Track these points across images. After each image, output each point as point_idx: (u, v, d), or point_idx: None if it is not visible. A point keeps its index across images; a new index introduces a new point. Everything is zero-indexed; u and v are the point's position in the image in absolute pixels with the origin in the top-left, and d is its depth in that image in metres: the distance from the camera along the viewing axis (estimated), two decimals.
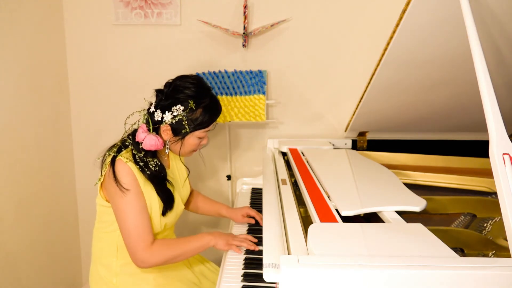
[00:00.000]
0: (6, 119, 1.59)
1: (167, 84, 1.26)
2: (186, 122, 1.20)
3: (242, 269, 1.10)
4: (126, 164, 1.15)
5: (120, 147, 1.22)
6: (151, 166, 1.20)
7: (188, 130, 1.21)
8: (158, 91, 1.25)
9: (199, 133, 1.25)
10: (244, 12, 1.82)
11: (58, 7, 1.91)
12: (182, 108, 1.19)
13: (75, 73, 1.99)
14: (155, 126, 1.22)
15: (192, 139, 1.25)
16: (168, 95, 1.22)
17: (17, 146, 1.65)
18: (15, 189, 1.64)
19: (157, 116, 1.21)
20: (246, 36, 1.85)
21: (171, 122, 1.20)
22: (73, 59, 1.98)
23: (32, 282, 1.74)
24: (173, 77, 1.28)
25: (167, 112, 1.20)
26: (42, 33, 1.80)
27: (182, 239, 1.19)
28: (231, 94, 1.87)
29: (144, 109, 1.27)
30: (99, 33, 1.95)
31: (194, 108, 1.20)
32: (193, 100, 1.20)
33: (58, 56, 1.93)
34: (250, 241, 1.22)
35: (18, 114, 1.65)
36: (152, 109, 1.23)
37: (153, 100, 1.26)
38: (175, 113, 1.19)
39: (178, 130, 1.22)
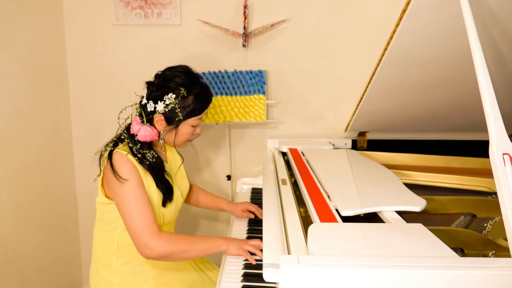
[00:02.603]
0: (6, 119, 1.59)
1: (157, 76, 1.28)
2: (179, 109, 1.22)
3: (242, 269, 1.10)
4: (124, 155, 1.16)
5: (116, 142, 1.24)
6: (148, 157, 1.21)
7: (181, 118, 1.23)
8: (148, 83, 1.28)
9: (192, 120, 1.26)
10: (244, 12, 1.82)
11: (58, 7, 1.91)
12: (174, 96, 1.22)
13: (75, 73, 1.99)
14: (148, 117, 1.24)
15: (185, 127, 1.27)
16: (159, 85, 1.24)
17: (17, 146, 1.65)
18: (15, 189, 1.64)
19: (150, 107, 1.23)
20: (246, 36, 1.85)
21: (164, 111, 1.22)
22: (73, 59, 1.98)
23: (32, 282, 1.74)
24: (157, 72, 1.30)
25: (159, 102, 1.22)
26: (42, 33, 1.80)
27: (193, 236, 1.18)
28: (231, 94, 1.87)
29: (136, 103, 1.29)
30: (99, 33, 1.95)
31: (185, 95, 1.22)
32: (184, 87, 1.22)
33: (58, 56, 1.93)
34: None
35: (18, 114, 1.65)
36: (144, 101, 1.25)
37: (144, 93, 1.28)
38: (167, 102, 1.21)
39: (171, 118, 1.23)
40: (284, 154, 1.77)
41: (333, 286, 0.65)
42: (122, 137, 1.24)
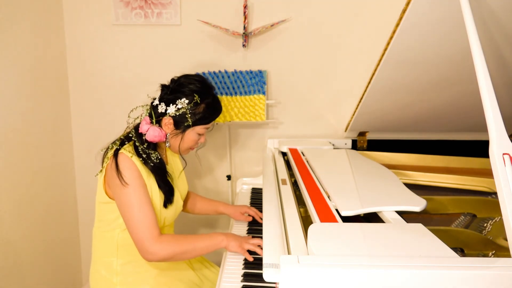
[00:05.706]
0: (6, 119, 1.59)
1: (173, 80, 1.31)
2: (189, 115, 1.23)
3: (242, 269, 1.10)
4: (129, 158, 1.17)
5: (123, 140, 1.24)
6: (153, 158, 1.22)
7: (190, 123, 1.25)
8: (163, 86, 1.30)
9: (199, 128, 1.28)
10: (244, 12, 1.82)
11: (58, 7, 1.91)
12: (187, 101, 1.24)
13: (75, 73, 1.99)
14: (158, 119, 1.25)
15: (192, 134, 1.28)
16: (173, 89, 1.26)
17: (17, 146, 1.65)
18: (15, 189, 1.64)
19: (161, 108, 1.25)
20: (246, 36, 1.85)
21: (175, 114, 1.23)
22: (73, 59, 1.98)
23: (33, 282, 1.74)
24: (173, 77, 1.31)
25: (171, 104, 1.24)
26: (42, 33, 1.80)
27: (193, 236, 1.19)
28: (231, 94, 1.87)
29: (147, 104, 1.31)
30: (99, 33, 1.95)
31: (198, 102, 1.25)
32: (198, 94, 1.25)
33: (58, 56, 1.93)
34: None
35: (18, 114, 1.65)
36: (156, 102, 1.27)
37: (157, 95, 1.30)
38: (179, 106, 1.23)
39: (180, 123, 1.25)
40: (284, 154, 1.77)
41: (333, 286, 0.65)
42: (130, 135, 1.25)
